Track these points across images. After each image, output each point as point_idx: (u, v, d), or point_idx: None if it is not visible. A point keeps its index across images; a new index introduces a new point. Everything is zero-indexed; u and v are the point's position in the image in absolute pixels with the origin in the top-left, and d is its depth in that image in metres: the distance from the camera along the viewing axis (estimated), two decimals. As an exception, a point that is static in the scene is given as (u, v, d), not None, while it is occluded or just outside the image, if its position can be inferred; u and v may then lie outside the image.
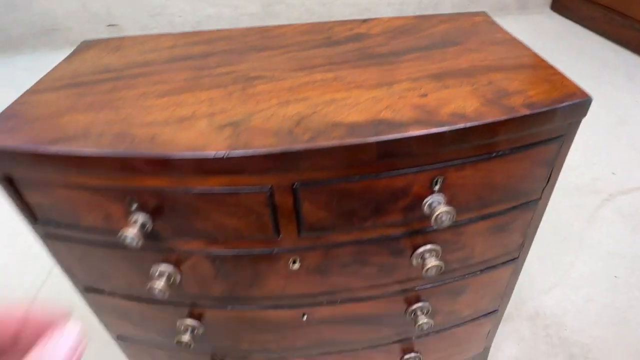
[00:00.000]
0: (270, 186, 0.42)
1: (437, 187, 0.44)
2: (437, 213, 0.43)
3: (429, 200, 0.45)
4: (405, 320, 0.61)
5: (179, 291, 0.54)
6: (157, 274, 0.51)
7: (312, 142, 0.39)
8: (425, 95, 0.45)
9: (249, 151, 0.39)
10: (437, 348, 0.69)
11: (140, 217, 0.45)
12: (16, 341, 0.26)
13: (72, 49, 0.64)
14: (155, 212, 0.45)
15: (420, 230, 0.49)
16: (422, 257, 0.51)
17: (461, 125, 0.40)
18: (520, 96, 0.44)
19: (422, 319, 0.57)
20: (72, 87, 0.53)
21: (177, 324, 0.59)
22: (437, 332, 0.66)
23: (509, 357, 0.92)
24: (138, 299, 0.57)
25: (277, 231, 0.46)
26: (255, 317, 0.57)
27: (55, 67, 0.59)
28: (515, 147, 0.44)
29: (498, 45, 0.55)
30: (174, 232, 0.46)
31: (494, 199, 0.48)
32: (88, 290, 0.59)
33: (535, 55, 0.52)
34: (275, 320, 0.57)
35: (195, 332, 0.59)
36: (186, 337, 0.57)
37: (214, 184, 0.41)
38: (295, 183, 0.41)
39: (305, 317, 0.57)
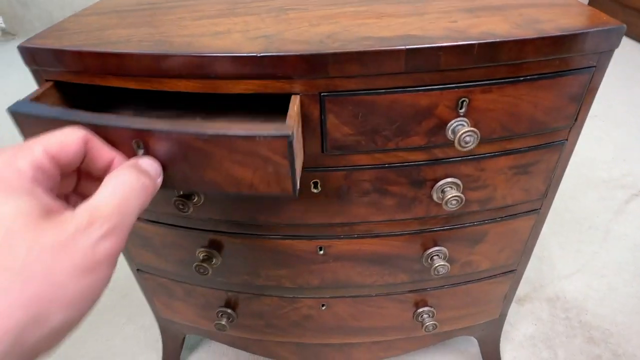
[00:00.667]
0: (298, 94, 0.43)
1: (462, 110, 0.45)
2: (460, 133, 0.43)
3: (453, 123, 0.45)
4: (421, 267, 0.60)
5: (201, 213, 0.55)
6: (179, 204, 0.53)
7: (342, 47, 0.40)
8: (455, 21, 0.46)
9: (282, 52, 0.40)
10: (451, 305, 0.69)
11: (171, 126, 0.47)
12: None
13: None
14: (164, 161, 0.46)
15: (442, 159, 0.49)
16: (443, 190, 0.51)
17: (490, 40, 0.40)
18: (552, 23, 0.44)
19: (439, 262, 0.57)
20: (114, 13, 0.56)
21: (197, 251, 0.60)
22: (452, 285, 0.65)
23: (524, 336, 0.90)
24: (162, 223, 0.59)
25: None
26: (272, 247, 0.58)
27: (97, 1, 0.62)
28: (544, 73, 0.44)
29: (531, -9, 0.55)
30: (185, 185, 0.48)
31: (518, 132, 0.48)
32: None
33: (569, -3, 0.52)
34: (292, 252, 0.58)
35: (214, 261, 0.60)
36: (204, 263, 0.59)
37: (245, 89, 0.43)
38: (323, 92, 0.42)
39: (322, 251, 0.57)
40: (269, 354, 0.78)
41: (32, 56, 0.47)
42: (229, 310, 0.69)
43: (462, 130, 0.43)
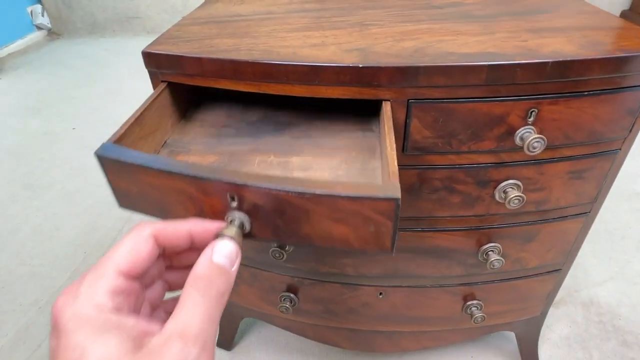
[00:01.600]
0: (389, 100, 0.49)
1: (530, 120, 0.51)
2: (530, 139, 0.49)
3: (521, 131, 0.51)
4: (476, 261, 0.66)
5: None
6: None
7: (432, 62, 0.47)
8: (525, 40, 0.52)
9: (380, 64, 0.47)
10: (497, 300, 0.74)
11: (238, 216, 0.54)
12: (191, 245, 0.32)
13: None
14: (255, 213, 0.53)
15: (507, 162, 0.55)
16: (505, 191, 0.57)
17: (561, 59, 0.46)
18: (614, 45, 0.49)
19: (494, 257, 0.63)
20: (212, 23, 0.63)
21: (272, 238, 0.67)
22: (501, 280, 0.71)
23: (560, 337, 0.95)
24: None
25: (384, 148, 0.53)
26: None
27: (191, 12, 0.70)
28: (606, 89, 0.50)
29: (588, 14, 0.61)
30: (273, 234, 0.55)
31: (578, 140, 0.53)
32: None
33: (625, 21, 0.57)
34: (360, 242, 0.64)
35: (287, 248, 0.67)
36: (281, 249, 0.65)
37: (342, 94, 0.50)
38: (411, 99, 0.49)
39: (387, 242, 0.64)
40: (322, 339, 0.85)
41: (155, 60, 0.54)
42: (292, 295, 0.75)
43: (531, 137, 0.49)
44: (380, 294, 0.72)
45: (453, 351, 0.92)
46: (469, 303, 0.72)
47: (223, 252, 0.30)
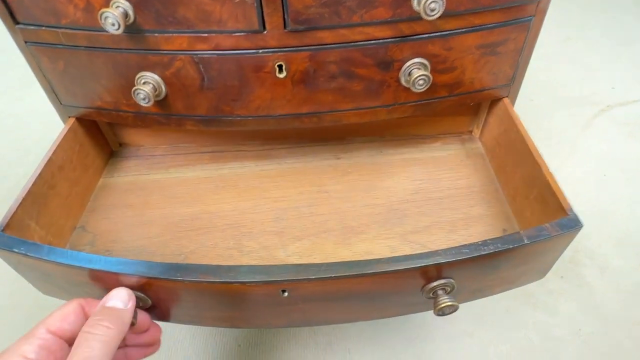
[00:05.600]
0: (254, -44, 0.40)
1: (427, -24, 0.43)
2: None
3: (418, -8, 0.44)
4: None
5: (164, 109, 0.54)
6: (142, 81, 0.50)
7: None
8: None
9: None
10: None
11: (122, 4, 0.44)
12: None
13: None
14: (137, 0, 0.44)
15: (408, 36, 0.48)
16: (410, 72, 0.50)
17: None
18: None
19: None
20: None
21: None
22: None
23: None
24: (126, 119, 0.57)
25: (262, 23, 0.45)
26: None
27: None
28: None
29: None
30: (157, 22, 0.45)
31: (485, 4, 0.47)
32: (74, 117, 0.59)
33: None
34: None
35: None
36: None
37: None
38: (280, -47, 0.40)
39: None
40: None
41: None
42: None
43: (427, -4, 0.42)
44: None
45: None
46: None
47: (116, 297, 0.38)
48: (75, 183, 0.58)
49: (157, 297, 0.43)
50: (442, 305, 0.43)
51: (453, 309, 0.43)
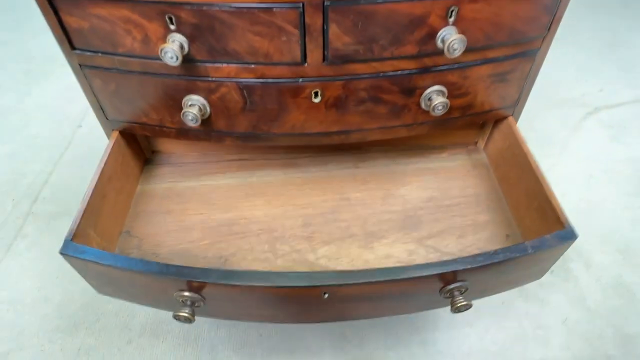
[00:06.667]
0: (302, 3, 0.45)
1: (451, 19, 0.49)
2: (450, 39, 0.48)
3: (442, 32, 0.49)
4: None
5: (207, 127, 0.59)
6: (189, 103, 0.56)
7: (345, -44, 0.43)
8: None
9: (288, -40, 0.42)
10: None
11: (178, 38, 0.49)
12: None
13: None
14: (192, 34, 0.49)
15: (431, 67, 0.54)
16: (429, 98, 0.57)
17: (480, -51, 0.44)
18: None
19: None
20: None
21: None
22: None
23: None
24: (169, 134, 0.62)
25: (304, 57, 0.50)
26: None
27: None
28: (525, -17, 0.48)
29: None
30: (209, 54, 0.50)
31: (499, 40, 0.53)
32: (118, 130, 0.64)
33: None
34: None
35: (197, 304, 0.65)
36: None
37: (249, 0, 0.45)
38: (327, 0, 0.45)
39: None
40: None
41: None
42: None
43: (450, 38, 0.48)
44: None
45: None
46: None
47: None
48: (120, 191, 0.64)
49: (212, 299, 0.49)
50: (459, 304, 0.50)
51: (468, 307, 0.51)
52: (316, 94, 0.55)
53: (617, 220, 1.06)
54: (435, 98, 0.56)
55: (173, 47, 0.47)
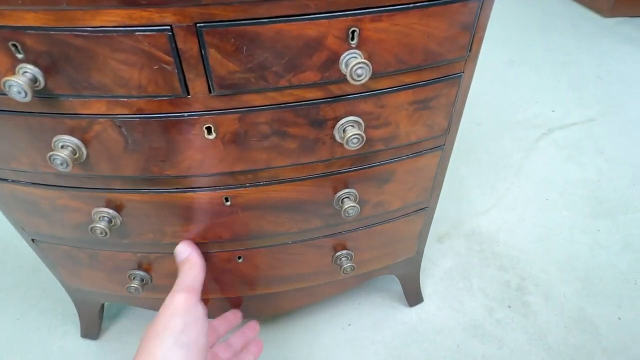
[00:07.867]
0: (170, 25, 0.38)
1: (353, 42, 0.43)
2: (352, 65, 0.41)
3: (346, 56, 0.43)
4: (334, 210, 0.60)
5: (89, 171, 0.50)
6: (60, 145, 0.47)
7: (213, -31, 0.36)
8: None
9: (141, -26, 0.35)
10: (368, 246, 0.70)
11: (29, 70, 0.41)
12: None
13: None
14: (46, 65, 0.41)
15: (339, 96, 0.47)
16: (344, 129, 0.50)
17: (374, -39, 0.38)
18: (440, -55, 0.42)
19: (349, 204, 0.57)
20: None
21: (93, 213, 0.55)
22: (367, 226, 0.66)
23: (443, 270, 0.96)
24: (45, 185, 0.53)
25: (186, 88, 0.43)
26: (175, 202, 0.54)
27: None
28: (433, 0, 0.42)
29: None
30: (71, 87, 0.42)
31: (413, 64, 0.47)
32: (-12, 176, 0.54)
33: None
34: (197, 205, 0.55)
35: (113, 222, 0.56)
36: (101, 225, 0.54)
37: (106, 21, 0.38)
38: (199, 22, 0.38)
39: (228, 202, 0.55)
40: (193, 313, 0.77)
41: None
42: (141, 272, 0.66)
43: (353, 63, 0.41)
44: (239, 258, 0.64)
45: (339, 302, 0.90)
46: (337, 254, 0.68)
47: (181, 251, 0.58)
48: None
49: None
50: (346, 206, 0.56)
51: (355, 210, 0.57)
52: (209, 130, 0.47)
53: (575, 245, 1.01)
54: (350, 130, 0.49)
55: (19, 80, 0.39)
